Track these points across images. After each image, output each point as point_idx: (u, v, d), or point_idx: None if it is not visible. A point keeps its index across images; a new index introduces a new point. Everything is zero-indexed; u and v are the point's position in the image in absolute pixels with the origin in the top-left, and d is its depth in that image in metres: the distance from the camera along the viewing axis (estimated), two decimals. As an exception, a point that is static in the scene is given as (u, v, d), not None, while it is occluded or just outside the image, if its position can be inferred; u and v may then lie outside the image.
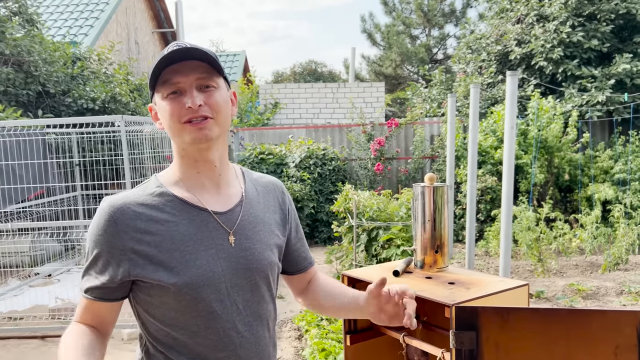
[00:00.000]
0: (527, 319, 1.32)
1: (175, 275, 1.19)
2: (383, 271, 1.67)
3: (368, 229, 5.83)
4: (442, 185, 1.64)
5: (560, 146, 8.88)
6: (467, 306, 1.31)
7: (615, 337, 1.28)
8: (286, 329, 4.96)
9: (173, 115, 1.21)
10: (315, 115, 12.14)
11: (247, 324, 1.27)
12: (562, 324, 1.29)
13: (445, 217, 1.64)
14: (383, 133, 9.92)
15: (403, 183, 9.76)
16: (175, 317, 1.22)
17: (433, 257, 1.65)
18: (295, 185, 8.77)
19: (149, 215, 1.21)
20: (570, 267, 7.02)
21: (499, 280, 1.54)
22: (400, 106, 16.74)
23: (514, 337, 1.32)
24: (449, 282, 1.52)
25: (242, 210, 1.30)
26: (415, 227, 1.66)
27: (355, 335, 1.68)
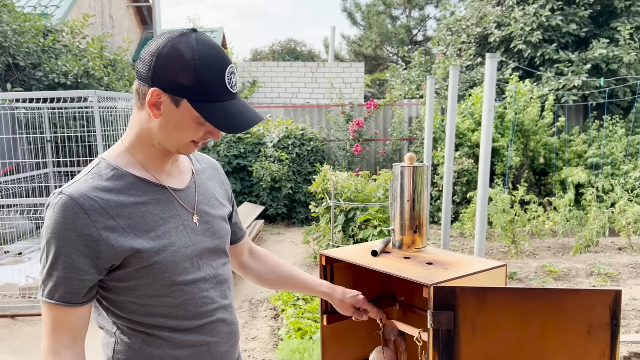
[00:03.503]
0: (504, 298, 1.32)
1: (155, 255, 1.20)
2: (362, 251, 1.65)
3: (346, 210, 5.83)
4: (422, 165, 1.62)
5: (537, 130, 8.98)
6: (445, 286, 1.31)
7: (589, 316, 1.29)
8: (262, 308, 4.96)
9: (191, 136, 1.22)
10: (294, 95, 12.03)
11: (218, 291, 1.34)
12: (537, 303, 1.30)
13: (424, 198, 1.63)
14: (362, 114, 9.89)
15: (381, 165, 9.78)
16: (155, 295, 1.23)
17: (412, 238, 1.63)
18: (274, 166, 8.71)
19: (116, 200, 1.19)
20: (543, 249, 7.16)
21: (477, 261, 1.54)
22: (380, 87, 16.71)
23: (491, 317, 1.32)
24: (427, 263, 1.51)
25: (196, 187, 1.36)
26: (394, 207, 1.65)
27: (332, 315, 1.67)
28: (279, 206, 8.95)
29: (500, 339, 1.30)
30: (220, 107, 1.18)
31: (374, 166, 9.79)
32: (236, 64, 12.35)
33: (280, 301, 4.66)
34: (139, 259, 1.19)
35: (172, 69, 1.15)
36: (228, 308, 1.37)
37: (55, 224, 1.15)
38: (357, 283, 1.74)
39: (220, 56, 1.18)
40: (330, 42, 15.21)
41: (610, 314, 1.28)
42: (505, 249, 7.14)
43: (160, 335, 1.25)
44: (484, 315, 1.30)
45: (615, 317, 1.28)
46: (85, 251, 1.15)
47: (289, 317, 4.26)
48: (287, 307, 4.50)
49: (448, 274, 1.41)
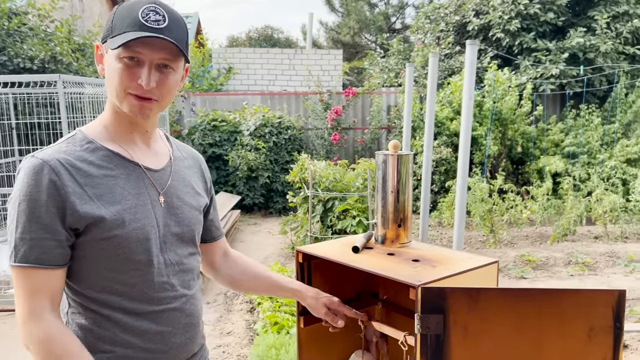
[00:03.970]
0: (498, 299, 1.20)
1: (117, 227, 1.19)
2: (342, 246, 1.52)
3: (324, 200, 5.71)
4: (406, 153, 1.49)
5: (514, 119, 8.96)
6: (434, 287, 1.18)
7: (590, 318, 1.19)
8: (237, 301, 4.82)
9: (122, 82, 1.20)
10: (271, 82, 11.81)
11: (180, 279, 1.31)
12: (533, 304, 1.19)
13: (409, 189, 1.50)
14: (340, 102, 9.75)
15: (360, 153, 9.67)
16: (113, 269, 1.22)
17: (395, 232, 1.51)
18: (250, 154, 8.52)
19: (87, 170, 1.20)
20: (521, 238, 7.16)
21: (467, 258, 1.42)
22: (358, 75, 16.56)
23: (484, 319, 1.20)
24: (412, 260, 1.39)
25: (172, 170, 1.35)
26: (376, 199, 1.52)
27: (309, 316, 1.53)
28: (256, 196, 8.78)
29: (494, 344, 1.18)
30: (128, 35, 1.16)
31: (353, 155, 9.68)
32: (210, 50, 12.06)
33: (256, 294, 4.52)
34: (101, 228, 1.18)
35: (106, 24, 1.23)
36: (190, 299, 1.33)
37: (27, 186, 1.15)
38: (337, 281, 1.61)
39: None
40: (307, 29, 14.98)
41: (613, 315, 1.17)
42: (483, 238, 7.11)
43: (113, 317, 1.23)
44: (476, 318, 1.18)
45: (618, 319, 1.18)
46: (55, 212, 1.15)
47: (265, 310, 4.13)
48: (263, 300, 4.36)
49: (436, 272, 1.29)
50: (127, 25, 1.17)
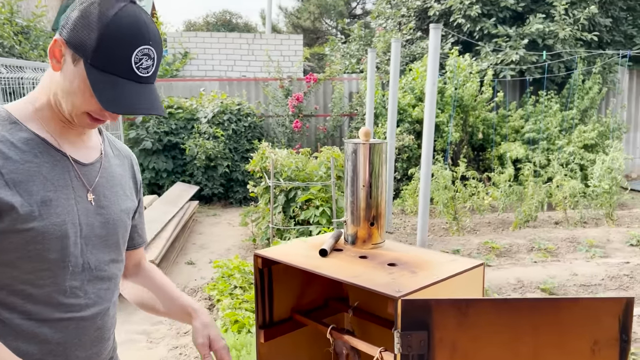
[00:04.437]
0: (490, 313, 1.03)
1: (33, 220, 1.08)
2: (307, 248, 1.32)
3: (286, 189, 5.51)
4: (380, 142, 1.30)
5: (475, 105, 8.96)
6: (417, 299, 1.00)
7: (594, 330, 1.03)
8: (195, 298, 4.58)
9: (83, 105, 1.10)
10: (229, 68, 11.45)
11: (96, 288, 1.19)
12: (530, 317, 1.03)
13: (383, 182, 1.32)
14: (301, 89, 9.51)
15: (322, 141, 9.49)
16: (18, 269, 1.09)
17: (368, 231, 1.33)
18: (208, 143, 8.21)
19: (6, 152, 1.08)
20: (484, 225, 7.16)
21: (450, 260, 1.25)
22: (319, 62, 16.32)
23: (474, 337, 1.03)
24: (388, 264, 1.21)
25: (101, 166, 1.24)
26: (346, 193, 1.33)
27: (271, 329, 1.34)
28: (215, 185, 8.49)
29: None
30: (114, 82, 1.06)
31: (315, 143, 9.49)
32: (165, 34, 11.59)
33: (216, 290, 4.30)
34: (14, 218, 1.06)
35: (82, 24, 1.07)
36: (104, 310, 1.21)
37: None
38: (302, 287, 1.42)
39: (139, 32, 1.07)
40: (267, 13, 14.62)
41: (620, 326, 1.03)
42: (446, 225, 7.08)
43: (11, 321, 1.10)
44: (466, 335, 1.02)
45: (625, 331, 1.03)
46: None
47: (225, 308, 3.91)
48: (222, 296, 4.15)
49: (417, 279, 1.12)
50: (115, 64, 1.06)
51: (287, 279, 1.39)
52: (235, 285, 4.33)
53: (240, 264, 4.44)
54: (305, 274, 1.34)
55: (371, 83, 7.79)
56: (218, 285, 4.35)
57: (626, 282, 4.81)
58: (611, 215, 7.07)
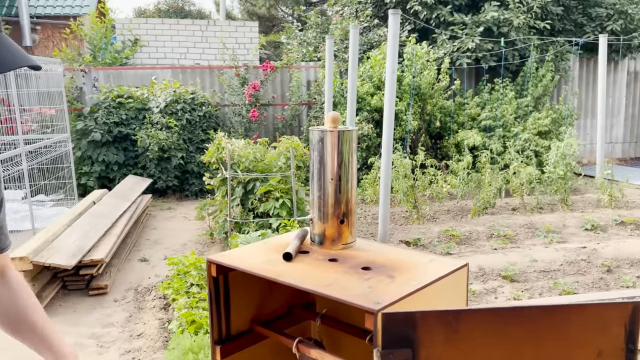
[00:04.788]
0: (483, 325, 0.90)
1: None
2: (268, 251, 1.16)
3: (244, 181, 5.30)
4: (349, 129, 1.15)
5: (433, 93, 8.94)
6: (399, 313, 0.86)
7: (598, 340, 0.91)
8: (150, 297, 4.35)
9: None
10: (182, 56, 11.04)
11: None
12: (529, 328, 0.89)
13: (353, 174, 1.17)
14: (258, 77, 9.26)
15: (280, 131, 9.28)
16: None
17: (337, 229, 1.18)
18: (161, 133, 7.87)
19: None
20: (443, 213, 7.16)
21: (428, 261, 1.12)
22: (275, 50, 16.02)
23: (466, 353, 0.89)
24: (362, 267, 1.06)
25: None
26: (312, 188, 1.17)
27: (228, 345, 1.17)
28: (169, 178, 8.17)
29: (478, 383, 0.89)
30: None
31: (273, 133, 9.27)
32: (113, 20, 11.05)
33: (171, 289, 4.08)
34: None
35: None
36: None
37: None
38: (263, 295, 1.26)
39: None
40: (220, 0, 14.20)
41: (626, 335, 0.91)
42: (406, 214, 7.03)
43: None
44: (456, 351, 0.88)
45: (632, 340, 0.92)
46: None
47: (181, 307, 3.71)
48: (178, 295, 3.93)
49: (396, 287, 0.97)
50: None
51: (245, 287, 1.23)
52: (191, 282, 4.12)
53: (197, 260, 4.23)
54: (265, 281, 1.17)
55: (329, 71, 7.64)
56: (173, 283, 4.13)
57: (584, 267, 4.87)
58: (566, 200, 7.20)
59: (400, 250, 1.20)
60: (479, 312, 0.90)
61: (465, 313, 0.89)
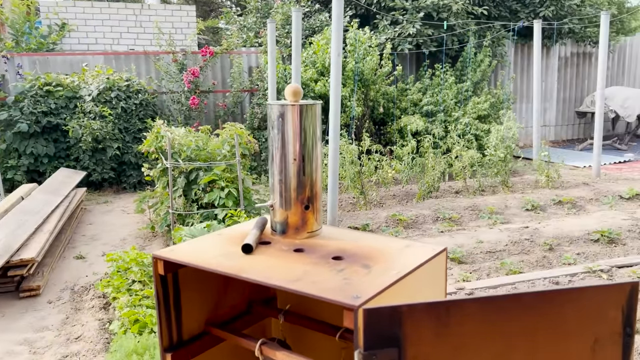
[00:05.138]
0: (476, 315, 0.80)
1: None
2: (223, 244, 1.02)
3: (186, 171, 5.07)
4: (312, 103, 1.02)
5: (376, 79, 8.93)
6: (383, 308, 0.75)
7: (594, 326, 0.85)
8: (87, 297, 4.07)
9: None
10: (115, 41, 10.48)
11: None
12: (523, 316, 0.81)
13: (318, 154, 1.05)
14: (197, 63, 8.92)
15: (222, 118, 9.01)
16: None
17: (301, 216, 1.06)
18: (94, 123, 7.43)
19: None
20: (389, 198, 7.18)
21: (403, 246, 1.02)
22: (214, 35, 15.55)
23: (456, 347, 0.79)
24: (333, 258, 0.94)
25: None
26: (272, 170, 1.04)
27: (180, 351, 1.03)
28: (105, 170, 7.74)
29: (471, 381, 0.79)
30: None
31: (214, 120, 8.98)
32: (36, 3, 10.31)
33: (111, 287, 3.83)
34: None
35: None
36: None
37: None
38: (218, 293, 1.12)
39: None
40: (154, -17, 13.59)
41: (623, 318, 0.85)
42: (353, 200, 7.00)
43: None
44: (446, 347, 0.78)
45: (629, 323, 0.85)
46: None
47: (123, 306, 3.48)
48: (119, 294, 3.69)
49: (374, 278, 0.87)
50: None
51: (198, 285, 1.08)
52: (133, 279, 3.89)
53: (138, 255, 3.99)
54: (221, 276, 1.04)
55: (272, 56, 7.45)
56: (113, 281, 3.87)
57: (528, 247, 4.99)
58: (506, 182, 7.40)
59: (371, 236, 1.10)
60: (471, 303, 0.81)
61: (457, 304, 0.79)
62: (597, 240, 5.09)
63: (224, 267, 0.91)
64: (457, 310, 0.80)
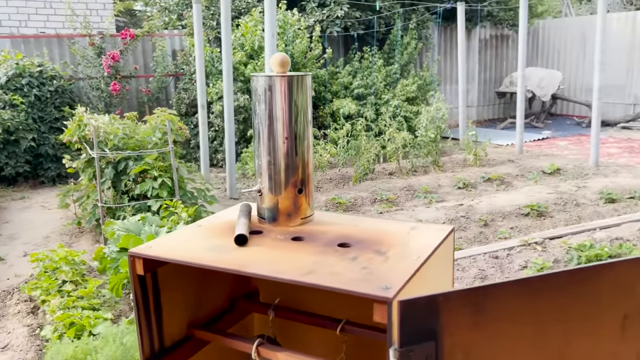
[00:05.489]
0: (512, 299, 0.74)
1: None
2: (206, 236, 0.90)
3: (114, 161, 4.74)
4: (303, 74, 0.91)
5: (306, 62, 8.83)
6: (420, 298, 0.67)
7: (624, 302, 0.81)
8: (12, 302, 3.72)
9: None
10: (22, 23, 9.64)
11: None
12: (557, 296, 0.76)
13: (309, 131, 0.94)
14: (116, 46, 8.40)
15: (146, 105, 8.57)
16: None
17: (293, 201, 0.95)
18: (4, 113, 6.81)
19: None
20: (326, 182, 7.15)
21: (409, 229, 0.95)
22: (132, 18, 14.75)
23: (493, 335, 0.73)
24: (339, 245, 0.85)
25: None
26: (258, 150, 0.92)
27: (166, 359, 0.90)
28: (19, 163, 7.13)
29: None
30: None
31: (138, 107, 8.52)
32: None
33: (39, 289, 3.51)
34: None
35: None
36: None
37: None
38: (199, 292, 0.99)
39: None
40: (63, -39, 12.61)
41: (652, 292, 0.81)
42: (290, 185, 6.91)
43: None
44: (483, 336, 0.72)
45: (658, 297, 0.82)
46: None
47: (55, 309, 3.20)
48: (49, 296, 3.40)
49: (394, 264, 0.78)
50: None
51: (179, 284, 0.95)
52: (63, 280, 3.59)
53: (68, 253, 3.69)
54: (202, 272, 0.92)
55: (199, 38, 7.14)
56: (41, 282, 3.56)
57: (464, 223, 5.14)
58: (437, 162, 7.59)
59: (369, 219, 1.01)
60: (507, 286, 0.74)
61: (494, 288, 0.73)
62: (528, 214, 5.33)
63: (222, 262, 0.79)
64: (495, 295, 0.73)
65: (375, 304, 0.68)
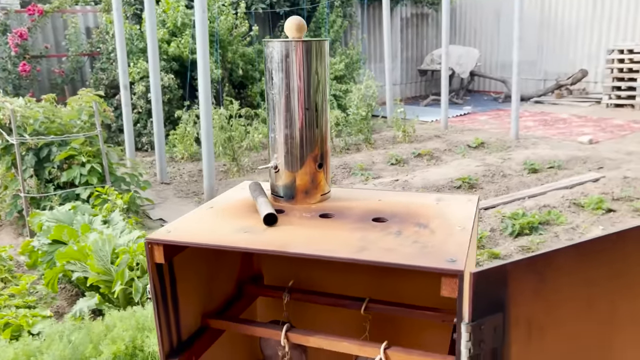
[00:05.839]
0: (568, 265, 0.74)
1: None
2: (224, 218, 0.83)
3: (36, 147, 4.37)
4: (322, 40, 0.85)
5: (232, 40, 8.58)
6: (490, 269, 0.65)
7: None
8: None
9: None
10: None
11: None
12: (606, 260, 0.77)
13: (327, 102, 0.88)
14: (23, 23, 7.71)
15: (60, 86, 7.98)
16: None
17: (312, 177, 0.89)
18: None
19: None
20: (261, 162, 7.04)
21: (436, 200, 0.92)
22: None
23: (553, 304, 0.73)
24: (374, 219, 0.81)
25: None
26: (273, 122, 0.86)
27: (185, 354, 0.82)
28: None
29: (563, 335, 0.73)
30: None
31: (51, 89, 7.90)
32: None
33: (-38, 290, 3.19)
34: None
35: None
36: None
37: None
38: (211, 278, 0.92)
39: None
40: None
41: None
42: (224, 167, 6.74)
43: None
44: (543, 304, 0.72)
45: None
46: None
47: (-16, 311, 2.92)
48: (-24, 297, 3.09)
49: (445, 237, 0.76)
50: None
51: (193, 272, 0.87)
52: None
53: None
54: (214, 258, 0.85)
55: (118, 15, 6.71)
56: (-37, 283, 3.23)
57: (403, 198, 5.25)
58: (369, 139, 7.70)
59: (388, 193, 0.98)
60: (564, 252, 0.73)
61: (554, 255, 0.71)
62: (460, 186, 5.54)
63: (260, 244, 0.72)
64: (555, 262, 0.72)
65: (444, 277, 0.65)
